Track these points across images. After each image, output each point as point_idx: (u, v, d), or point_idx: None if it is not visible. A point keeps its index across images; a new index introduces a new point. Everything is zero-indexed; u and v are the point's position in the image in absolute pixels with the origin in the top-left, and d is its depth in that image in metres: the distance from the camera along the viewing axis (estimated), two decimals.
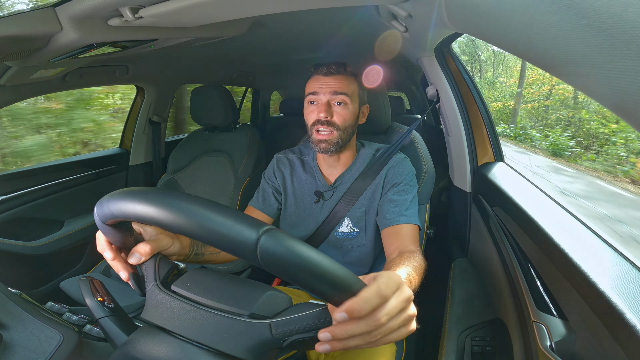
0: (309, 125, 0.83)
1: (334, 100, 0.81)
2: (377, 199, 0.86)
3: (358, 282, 0.36)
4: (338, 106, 0.81)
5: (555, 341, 0.50)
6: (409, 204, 0.82)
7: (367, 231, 0.88)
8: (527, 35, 0.33)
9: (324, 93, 0.80)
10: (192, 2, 0.65)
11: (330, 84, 0.80)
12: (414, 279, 0.57)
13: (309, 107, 0.83)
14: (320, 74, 0.82)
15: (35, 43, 0.72)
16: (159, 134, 1.75)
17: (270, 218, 0.93)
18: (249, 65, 1.85)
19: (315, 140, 0.82)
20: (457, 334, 0.75)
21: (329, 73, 0.81)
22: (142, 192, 0.37)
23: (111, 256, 0.46)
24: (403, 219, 0.79)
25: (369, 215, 0.87)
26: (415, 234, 0.79)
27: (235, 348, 0.39)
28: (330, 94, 0.80)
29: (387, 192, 0.84)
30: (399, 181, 0.85)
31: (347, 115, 0.81)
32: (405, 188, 0.84)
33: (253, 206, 0.93)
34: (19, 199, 1.22)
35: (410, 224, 0.78)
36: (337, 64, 0.81)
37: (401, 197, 0.82)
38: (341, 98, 0.80)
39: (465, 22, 0.51)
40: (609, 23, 0.23)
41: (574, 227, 0.59)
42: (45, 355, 0.49)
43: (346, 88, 0.81)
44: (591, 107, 9.16)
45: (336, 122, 0.80)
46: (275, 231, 0.33)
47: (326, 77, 0.81)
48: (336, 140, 0.81)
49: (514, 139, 11.10)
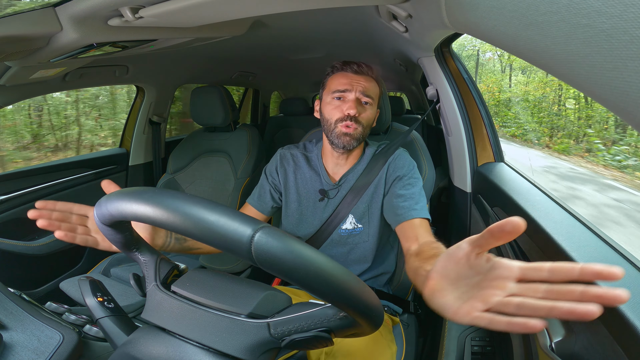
0: (331, 120, 0.83)
1: (363, 99, 0.82)
2: (381, 194, 0.86)
3: (356, 281, 0.36)
4: (365, 106, 0.82)
5: (555, 341, 0.50)
6: (418, 197, 0.82)
7: (370, 226, 0.88)
8: (527, 35, 0.33)
9: (354, 90, 0.81)
10: (192, 2, 0.65)
11: (361, 82, 0.81)
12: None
13: (334, 103, 0.83)
14: (350, 71, 0.82)
15: (35, 43, 0.72)
16: (159, 134, 1.75)
17: (264, 216, 0.93)
18: (249, 65, 1.85)
19: (339, 134, 0.81)
20: (457, 334, 0.75)
21: (359, 72, 0.82)
22: (137, 192, 0.37)
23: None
24: (415, 213, 0.78)
25: (371, 210, 0.87)
26: (428, 226, 0.79)
27: (234, 347, 0.39)
28: (360, 92, 0.81)
29: (392, 187, 0.85)
30: (401, 174, 0.85)
31: (370, 116, 0.83)
32: (411, 181, 0.84)
33: (248, 202, 0.94)
34: (19, 199, 1.22)
35: (422, 218, 0.79)
36: (367, 66, 0.83)
37: (408, 190, 0.82)
38: (368, 99, 0.82)
39: (465, 22, 0.51)
40: (609, 23, 0.23)
41: (574, 227, 0.59)
42: (45, 355, 0.49)
43: (373, 90, 0.83)
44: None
45: (362, 121, 0.81)
46: (270, 229, 0.33)
47: (356, 75, 0.82)
48: (359, 136, 0.82)
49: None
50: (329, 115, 0.83)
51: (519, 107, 9.44)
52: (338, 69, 0.84)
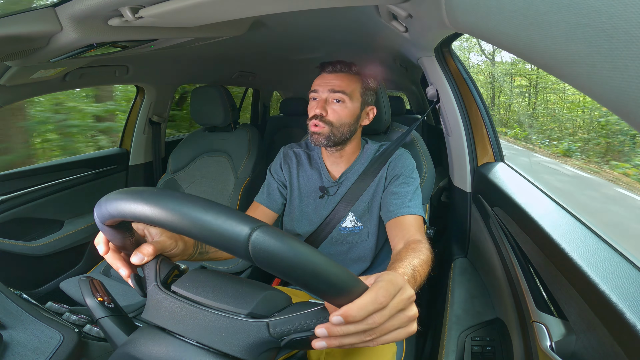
0: (307, 120, 0.86)
1: (333, 97, 0.82)
2: (380, 193, 0.87)
3: (354, 280, 0.36)
4: (336, 103, 0.83)
5: (555, 341, 0.50)
6: (412, 196, 0.82)
7: (370, 225, 0.89)
8: (527, 35, 0.33)
9: (323, 90, 0.83)
10: (192, 2, 0.65)
11: (331, 82, 0.82)
12: (420, 274, 0.56)
13: (311, 103, 0.86)
14: (325, 72, 0.85)
15: (35, 43, 0.72)
16: (159, 134, 1.75)
17: (274, 213, 0.94)
18: (249, 65, 1.85)
19: (310, 132, 0.84)
20: (457, 334, 0.75)
21: (332, 71, 0.84)
22: (136, 191, 0.37)
23: (103, 250, 0.47)
24: (406, 210, 0.79)
25: (372, 209, 0.88)
26: (420, 224, 0.79)
27: (233, 347, 0.39)
28: (328, 91, 0.82)
29: (389, 185, 0.86)
30: (399, 173, 0.86)
31: (343, 113, 0.83)
32: (407, 180, 0.85)
33: (257, 201, 0.94)
34: (19, 199, 1.22)
35: (414, 215, 0.79)
36: (342, 63, 0.84)
37: (403, 189, 0.83)
38: (339, 96, 0.82)
39: (465, 22, 0.51)
40: (609, 23, 0.23)
41: (574, 227, 0.59)
42: (45, 355, 0.49)
43: (346, 87, 0.82)
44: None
45: (329, 119, 0.82)
46: (267, 227, 0.33)
47: (329, 74, 0.84)
48: (327, 135, 0.82)
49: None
50: (308, 114, 0.87)
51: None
52: (319, 71, 0.87)
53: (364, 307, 0.35)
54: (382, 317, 0.36)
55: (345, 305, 0.35)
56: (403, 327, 0.38)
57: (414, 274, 0.54)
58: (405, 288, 0.39)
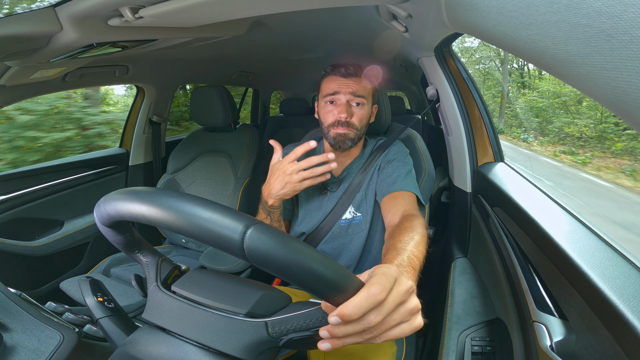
0: (325, 124, 0.86)
1: (353, 101, 0.84)
2: (375, 180, 0.90)
3: (348, 278, 0.35)
4: (356, 107, 0.84)
5: (555, 341, 0.50)
6: (405, 175, 0.85)
7: (367, 214, 0.91)
8: (527, 35, 0.33)
9: (344, 94, 0.83)
10: (192, 2, 0.65)
11: (350, 85, 0.83)
12: (417, 257, 0.55)
13: (327, 107, 0.86)
14: (339, 75, 0.85)
15: (35, 43, 0.72)
16: (159, 134, 1.75)
17: (286, 222, 0.97)
18: (249, 65, 1.85)
19: (334, 136, 0.85)
20: (457, 334, 0.75)
21: (347, 75, 0.84)
22: (133, 191, 0.37)
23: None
24: (398, 187, 0.81)
25: (368, 197, 0.90)
26: (414, 200, 0.80)
27: (233, 347, 0.39)
28: (350, 94, 0.83)
29: (383, 170, 0.89)
30: (392, 158, 0.90)
31: (363, 115, 0.85)
32: (400, 163, 0.88)
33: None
34: (19, 199, 1.22)
35: (407, 191, 0.80)
36: (354, 66, 0.85)
37: (395, 170, 0.86)
38: (360, 100, 0.84)
39: (465, 22, 0.51)
40: (609, 23, 0.23)
41: (575, 227, 0.59)
42: (45, 355, 0.49)
43: (364, 90, 0.85)
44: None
45: (354, 123, 0.84)
46: (262, 225, 0.33)
47: (345, 78, 0.84)
48: (352, 137, 0.85)
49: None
50: (324, 119, 0.87)
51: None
52: (328, 73, 0.87)
53: (359, 305, 0.33)
54: (380, 314, 0.34)
55: (342, 304, 0.34)
56: (406, 322, 0.36)
57: (410, 262, 0.52)
58: (400, 280, 0.37)
